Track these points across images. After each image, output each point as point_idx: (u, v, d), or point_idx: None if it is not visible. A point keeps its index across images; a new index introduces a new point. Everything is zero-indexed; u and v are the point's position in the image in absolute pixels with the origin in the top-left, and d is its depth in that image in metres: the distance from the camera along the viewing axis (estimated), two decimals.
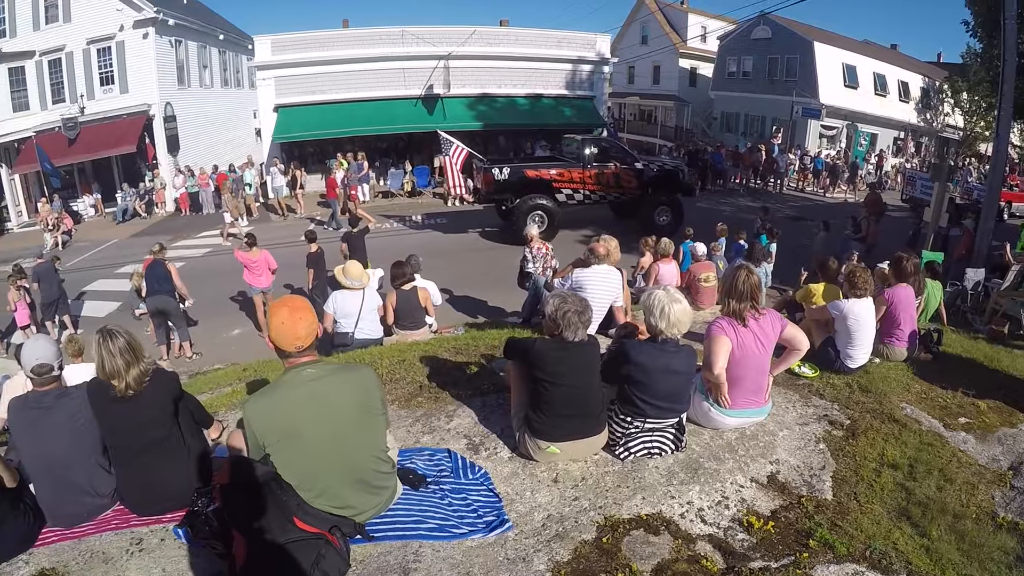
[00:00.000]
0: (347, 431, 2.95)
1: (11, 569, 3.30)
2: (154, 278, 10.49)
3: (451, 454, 3.98)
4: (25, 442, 3.47)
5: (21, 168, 27.15)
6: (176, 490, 3.51)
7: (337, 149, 24.61)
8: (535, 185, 17.05)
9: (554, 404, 3.66)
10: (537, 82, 26.85)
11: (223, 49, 32.93)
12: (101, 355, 3.35)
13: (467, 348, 6.04)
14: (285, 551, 2.65)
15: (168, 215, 25.80)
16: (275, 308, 2.99)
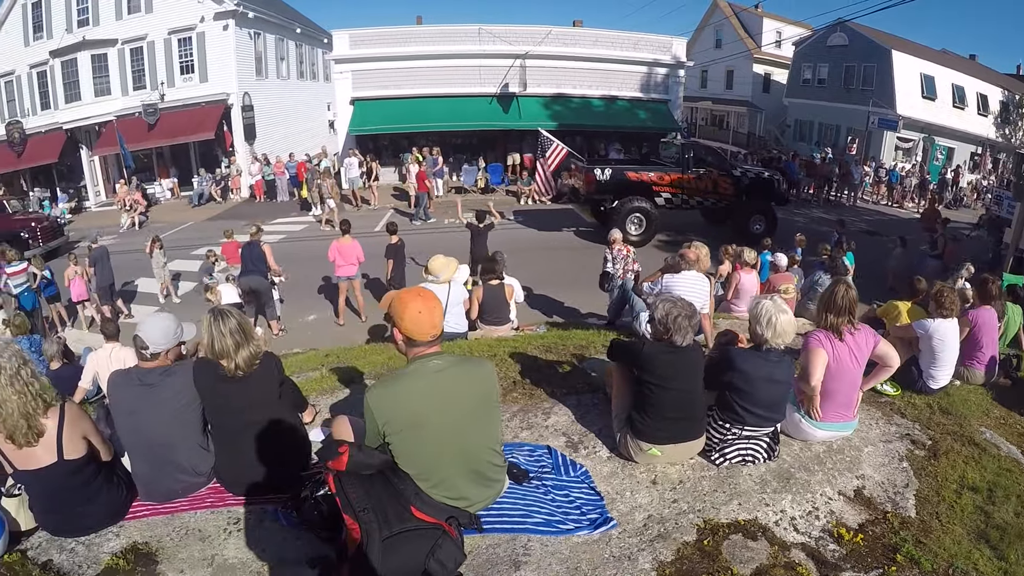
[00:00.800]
0: (468, 423, 2.96)
1: (100, 540, 3.37)
2: (250, 258, 10.81)
3: (551, 451, 4.04)
4: (126, 417, 3.52)
5: (101, 150, 28.05)
6: (276, 472, 3.54)
7: (411, 143, 24.81)
8: (635, 188, 17.07)
9: (660, 407, 3.70)
10: (612, 84, 26.60)
11: (299, 42, 33.46)
12: (211, 334, 3.39)
13: (556, 347, 6.06)
14: (402, 539, 2.63)
15: (243, 201, 26.27)
16: (409, 299, 2.95)
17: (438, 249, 8.05)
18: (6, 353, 3.12)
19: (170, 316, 3.77)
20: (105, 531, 3.42)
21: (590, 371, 5.29)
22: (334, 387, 5.52)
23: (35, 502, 3.37)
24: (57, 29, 27.99)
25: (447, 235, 18.12)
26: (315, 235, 19.28)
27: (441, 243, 16.14)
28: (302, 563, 3.09)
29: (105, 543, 3.35)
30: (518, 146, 26.33)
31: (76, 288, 12.67)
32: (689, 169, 17.36)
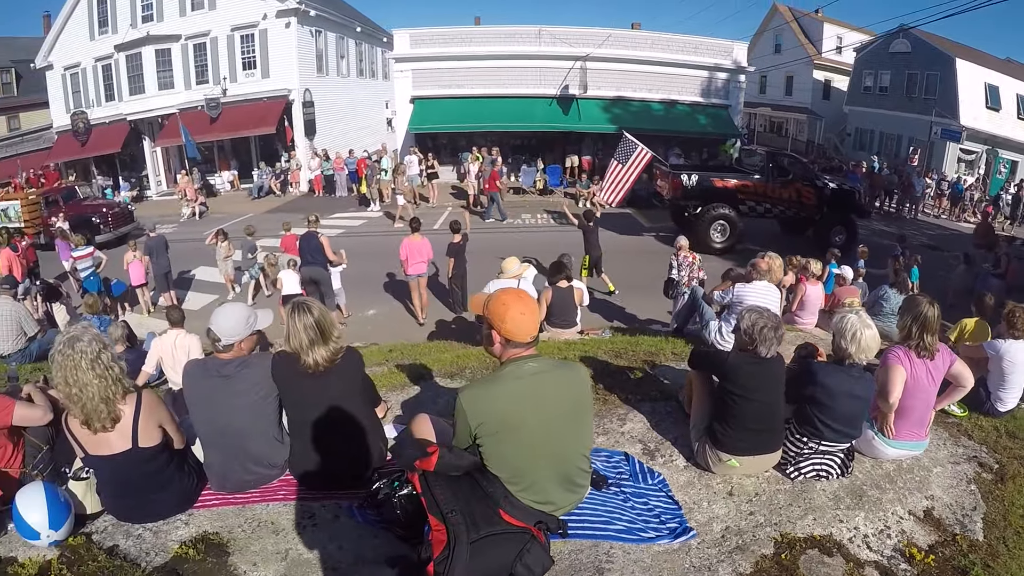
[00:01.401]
0: (562, 428, 2.89)
1: (168, 528, 3.37)
2: (308, 249, 10.92)
3: (628, 458, 4.00)
4: (201, 408, 3.50)
5: (163, 142, 28.76)
6: (352, 468, 3.53)
7: (470, 143, 24.90)
8: (720, 194, 16.97)
9: (742, 418, 3.66)
10: (672, 88, 26.34)
11: (359, 41, 33.78)
12: (292, 329, 3.36)
13: (626, 352, 5.99)
14: (489, 543, 2.59)
15: (302, 195, 26.63)
16: (511, 301, 2.87)
17: (507, 248, 8.04)
18: (86, 337, 3.10)
19: (243, 306, 3.74)
20: (174, 519, 3.43)
21: (662, 378, 5.24)
22: (403, 384, 5.50)
23: (104, 487, 3.36)
24: (122, 24, 28.76)
25: (517, 234, 18.25)
26: (374, 231, 19.48)
27: (509, 242, 16.04)
28: (381, 562, 3.04)
29: (173, 531, 3.35)
30: (577, 148, 26.27)
31: (135, 272, 13.04)
32: (774, 178, 17.21)
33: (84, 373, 3.00)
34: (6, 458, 3.62)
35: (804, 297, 8.32)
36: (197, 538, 3.25)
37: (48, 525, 3.08)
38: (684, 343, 6.19)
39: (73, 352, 3.01)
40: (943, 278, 13.68)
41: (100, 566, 3.00)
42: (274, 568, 3.06)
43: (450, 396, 5.01)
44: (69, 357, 3.01)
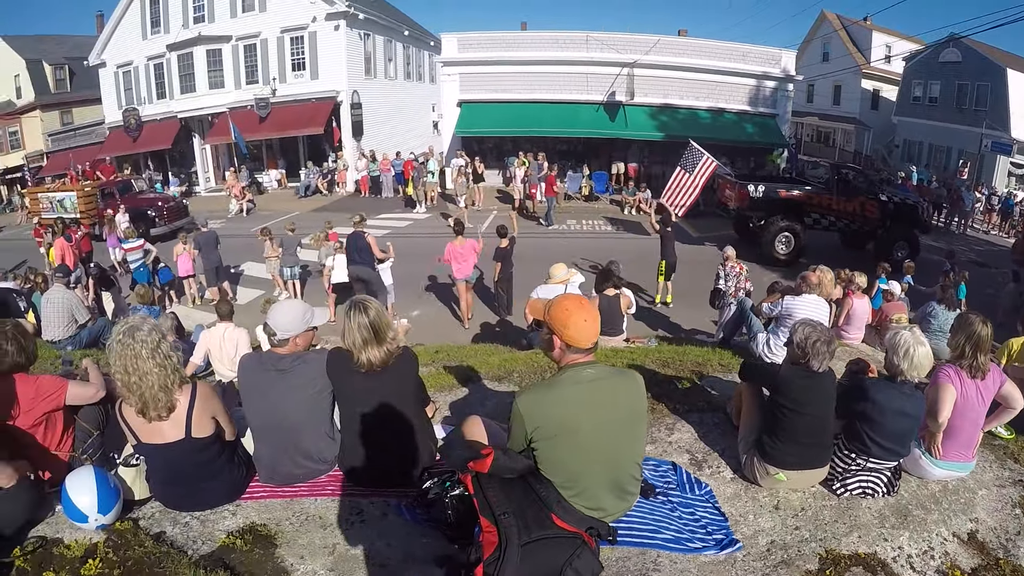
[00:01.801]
0: (618, 435, 2.89)
1: (216, 518, 3.41)
2: (355, 248, 11.03)
3: (676, 467, 3.99)
4: (255, 400, 3.55)
5: (213, 139, 29.36)
6: (402, 466, 3.56)
7: (516, 147, 24.80)
8: (786, 206, 16.84)
9: (793, 432, 3.64)
10: (720, 96, 26.06)
11: (407, 44, 34.06)
12: (348, 327, 3.39)
13: (673, 362, 5.95)
14: (540, 546, 2.58)
15: (348, 195, 26.87)
16: (573, 307, 2.85)
17: (552, 254, 8.07)
18: (145, 327, 3.14)
19: (300, 303, 3.77)
20: (221, 509, 3.46)
21: (710, 389, 5.21)
22: (451, 385, 5.52)
23: (154, 475, 3.40)
24: (174, 24, 29.50)
25: (562, 240, 18.27)
26: (419, 232, 19.55)
27: (555, 247, 16.08)
28: (429, 562, 3.05)
29: (221, 521, 3.39)
30: (623, 155, 26.15)
31: (183, 264, 13.45)
32: (839, 191, 17.03)
33: (144, 362, 3.04)
34: (56, 441, 3.69)
35: (851, 311, 8.19)
36: (244, 529, 3.29)
37: (97, 509, 3.12)
38: (731, 355, 6.17)
39: (133, 341, 3.06)
40: (991, 296, 13.42)
41: (146, 551, 3.03)
42: (321, 562, 3.08)
43: (498, 399, 5.06)
44: (129, 346, 3.06)
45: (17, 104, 39.70)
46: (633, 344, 7.59)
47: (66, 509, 3.15)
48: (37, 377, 3.71)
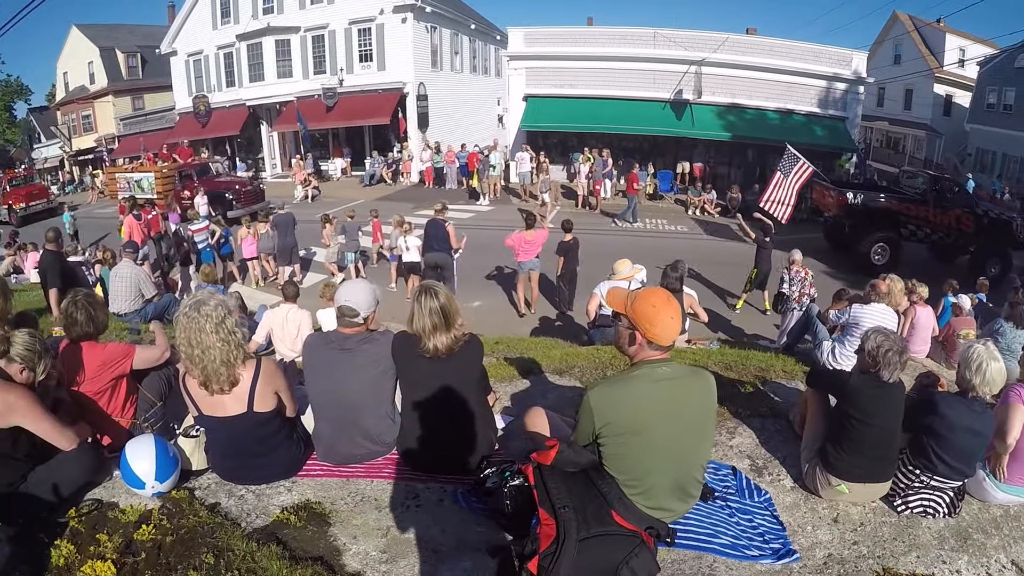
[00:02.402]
0: (687, 436, 2.81)
1: (271, 492, 3.45)
2: (434, 236, 11.24)
3: (736, 472, 3.91)
4: (318, 378, 3.58)
5: (280, 127, 30.05)
6: (461, 453, 3.54)
7: (581, 143, 24.72)
8: (884, 215, 16.43)
9: (859, 443, 3.53)
10: (789, 97, 25.49)
11: (473, 38, 34.24)
12: (412, 311, 3.41)
13: (736, 365, 5.84)
14: (598, 542, 2.55)
15: (411, 185, 27.15)
16: (660, 304, 2.75)
17: (615, 251, 8.48)
18: (212, 302, 3.17)
19: (367, 282, 3.80)
20: (277, 484, 3.49)
21: (773, 395, 5.09)
22: (512, 376, 5.50)
23: (213, 447, 3.45)
24: (243, 15, 30.29)
25: (626, 238, 18.12)
26: (482, 224, 19.59)
27: (618, 244, 15.90)
28: (483, 551, 3.00)
29: (276, 496, 3.41)
30: (689, 154, 25.82)
31: (247, 247, 14.06)
32: (936, 203, 16.51)
33: (208, 336, 3.08)
34: (119, 409, 3.79)
35: (914, 321, 7.98)
36: (299, 505, 3.31)
37: (154, 476, 3.17)
38: (794, 362, 6.00)
39: (199, 315, 3.10)
40: None
41: (200, 521, 3.06)
42: (375, 543, 3.06)
43: (559, 392, 5.03)
44: (194, 320, 3.10)
45: (90, 89, 41.27)
46: (695, 345, 7.48)
47: (124, 475, 3.21)
48: (105, 345, 3.82)
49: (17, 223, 26.22)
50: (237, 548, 2.86)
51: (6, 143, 49.23)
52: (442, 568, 2.90)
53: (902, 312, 8.09)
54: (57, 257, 8.76)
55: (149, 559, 2.82)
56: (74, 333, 3.79)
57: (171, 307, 8.68)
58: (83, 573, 2.72)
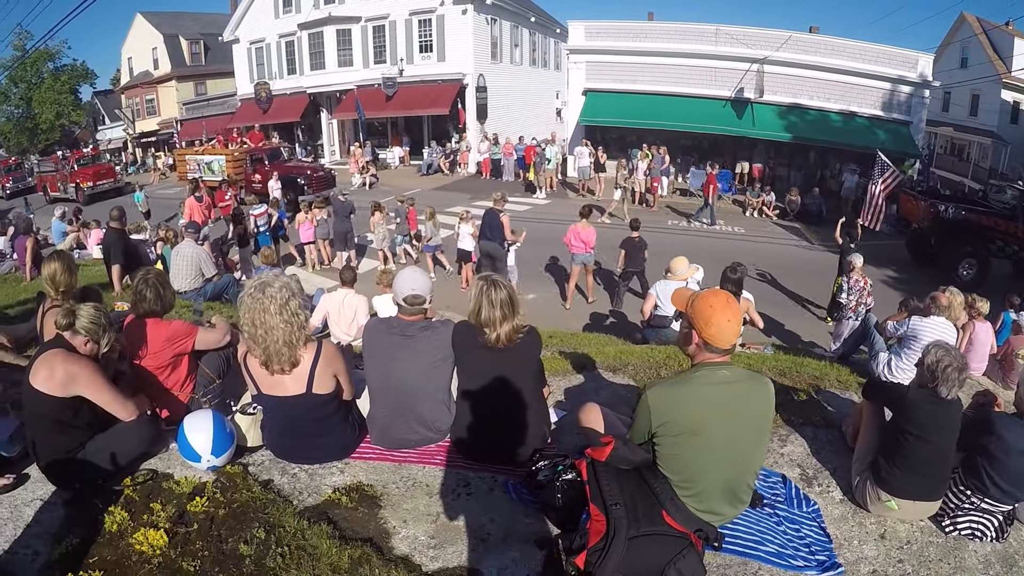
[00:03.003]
0: (742, 440, 2.79)
1: (324, 472, 3.55)
2: (488, 226, 11.42)
3: (786, 481, 3.84)
4: (377, 363, 3.62)
5: (340, 115, 30.61)
6: (514, 445, 3.56)
7: (640, 139, 24.55)
8: (974, 230, 15.91)
9: (913, 459, 3.44)
10: (851, 98, 24.78)
11: (533, 31, 34.20)
12: (480, 303, 3.41)
13: (791, 372, 5.74)
14: (647, 541, 2.56)
15: (469, 176, 27.29)
16: (719, 305, 2.73)
17: (672, 251, 8.31)
18: (276, 283, 3.24)
19: (421, 270, 3.85)
20: (330, 465, 3.57)
21: (826, 404, 4.99)
22: (566, 370, 5.50)
23: (270, 425, 3.52)
24: (305, 4, 30.80)
25: (683, 237, 17.89)
26: (538, 217, 19.55)
27: (675, 243, 15.56)
28: (530, 542, 3.03)
29: (329, 476, 3.49)
30: (749, 154, 25.36)
31: (304, 232, 14.41)
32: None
33: (271, 317, 3.15)
34: (179, 384, 3.90)
35: (973, 336, 7.71)
36: (351, 487, 3.37)
37: (210, 450, 3.28)
38: (849, 371, 5.89)
39: (263, 297, 3.16)
40: None
41: (253, 496, 3.16)
42: (424, 528, 3.11)
43: (612, 389, 5.02)
44: (259, 301, 3.16)
45: (154, 74, 42.49)
46: (749, 350, 7.34)
47: (181, 447, 3.32)
48: (170, 323, 3.93)
49: (84, 201, 26.98)
50: (288, 525, 2.96)
51: (71, 124, 50.78)
52: (489, 557, 2.94)
53: (960, 327, 7.76)
54: (121, 235, 9.03)
55: (201, 530, 2.93)
56: (141, 309, 3.89)
57: (230, 287, 8.95)
58: (135, 540, 2.84)
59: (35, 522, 3.13)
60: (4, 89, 45.81)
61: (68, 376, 3.14)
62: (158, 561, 2.75)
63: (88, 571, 2.68)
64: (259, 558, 2.76)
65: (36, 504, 3.25)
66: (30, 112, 47.64)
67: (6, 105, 47.45)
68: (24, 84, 46.48)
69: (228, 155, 22.55)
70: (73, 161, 30.50)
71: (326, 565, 2.73)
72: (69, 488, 3.28)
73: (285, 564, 2.73)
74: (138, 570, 2.72)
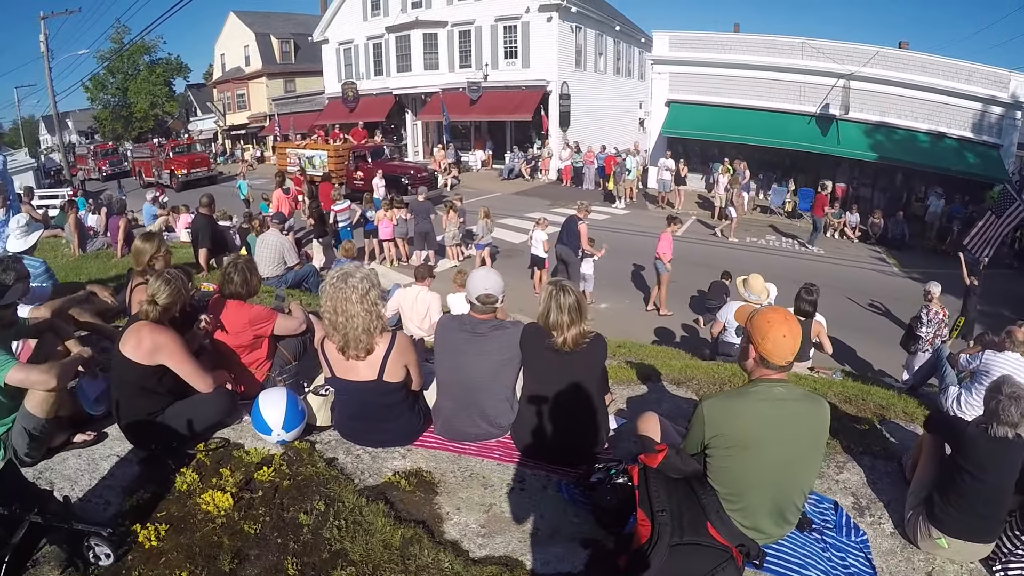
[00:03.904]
0: (793, 460, 2.79)
1: (386, 456, 3.71)
2: (566, 231, 11.68)
3: (837, 508, 3.75)
4: (447, 356, 3.77)
5: (424, 116, 31.43)
6: (572, 447, 3.63)
7: (721, 153, 24.27)
8: None
9: (968, 498, 3.31)
10: (939, 118, 23.59)
11: (617, 39, 34.19)
12: (548, 306, 3.50)
13: (856, 399, 5.59)
14: (689, 551, 2.61)
15: (549, 182, 27.44)
16: (776, 320, 2.74)
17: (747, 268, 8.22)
18: (358, 274, 3.43)
19: (494, 271, 3.95)
20: (393, 449, 3.75)
21: (889, 435, 4.84)
22: (630, 380, 5.51)
23: (341, 407, 3.72)
24: (393, 8, 31.75)
25: (760, 255, 17.58)
26: (616, 227, 19.48)
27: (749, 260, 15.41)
28: (575, 540, 3.07)
29: (391, 460, 3.67)
30: (832, 173, 24.52)
31: (383, 229, 14.89)
32: None
33: (352, 305, 3.34)
34: (258, 363, 4.11)
35: None
36: (411, 472, 3.52)
37: (282, 425, 3.48)
38: (917, 404, 5.64)
39: (345, 286, 3.35)
40: None
41: (317, 471, 3.34)
42: (475, 517, 3.22)
43: (674, 402, 5.04)
44: (341, 290, 3.35)
45: (246, 71, 44.37)
46: (817, 374, 7.15)
47: (254, 421, 3.51)
48: (252, 306, 4.13)
49: (177, 188, 27.92)
50: (347, 500, 3.10)
51: (164, 115, 53.20)
52: (534, 551, 3.01)
53: None
54: (209, 220, 9.37)
55: (265, 497, 3.12)
56: (227, 290, 4.11)
57: (310, 277, 9.20)
58: (203, 500, 3.04)
59: (110, 475, 3.39)
60: (102, 79, 48.15)
61: (154, 346, 3.38)
62: (221, 521, 2.97)
63: (155, 524, 2.92)
64: (316, 528, 2.93)
65: (113, 459, 3.52)
66: (126, 101, 50.26)
67: (103, 94, 49.89)
68: (121, 75, 48.91)
69: (330, 151, 22.82)
70: (169, 149, 31.56)
71: (379, 541, 2.86)
72: (145, 448, 3.53)
73: (340, 536, 2.87)
74: (202, 527, 2.94)
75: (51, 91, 30.67)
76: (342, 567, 2.71)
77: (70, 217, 11.56)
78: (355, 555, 2.79)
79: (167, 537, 2.88)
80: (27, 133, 62.60)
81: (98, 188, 30.02)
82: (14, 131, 57.18)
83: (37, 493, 2.75)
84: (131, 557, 2.78)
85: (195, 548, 2.81)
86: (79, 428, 3.69)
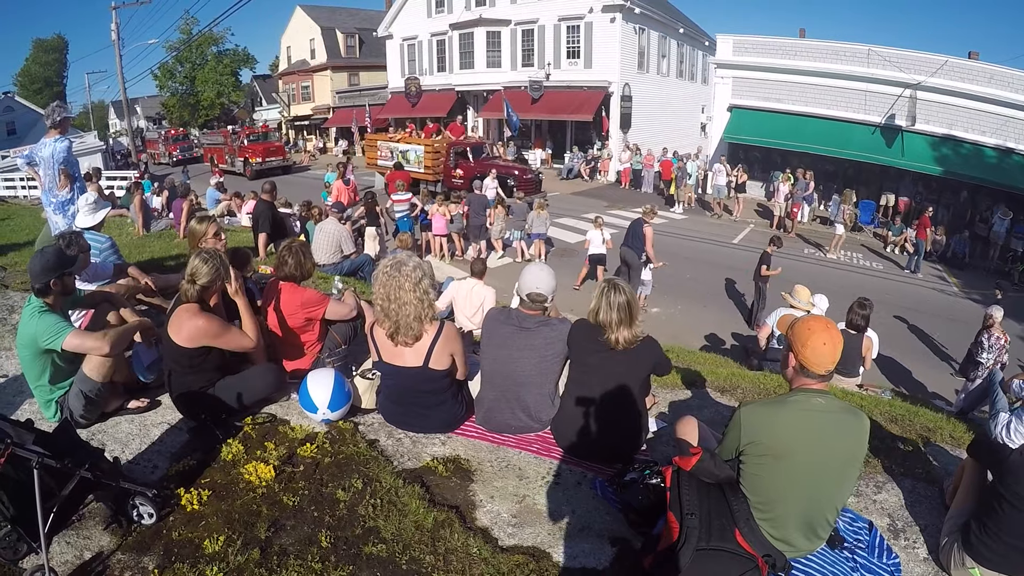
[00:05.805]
0: (828, 474, 2.73)
1: (427, 441, 3.79)
2: (631, 233, 11.76)
3: (872, 528, 3.63)
4: (493, 348, 3.81)
5: (486, 113, 31.64)
6: (610, 446, 3.64)
7: (783, 161, 23.78)
8: None
9: (1006, 529, 3.13)
10: (1008, 133, 22.38)
11: (681, 42, 33.90)
12: (600, 304, 3.54)
13: (902, 419, 5.44)
14: (714, 556, 2.58)
15: (608, 184, 27.26)
16: (817, 328, 2.71)
17: (800, 280, 8.14)
18: (411, 263, 3.54)
19: (548, 268, 3.98)
20: (434, 436, 3.84)
21: (933, 459, 4.70)
22: (675, 384, 5.50)
23: (386, 391, 3.82)
24: (457, 6, 32.11)
25: (815, 267, 17.14)
26: (673, 232, 19.24)
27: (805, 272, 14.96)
28: (604, 537, 3.09)
29: (430, 445, 3.75)
30: (895, 186, 23.88)
31: (436, 224, 15.02)
32: None
33: (405, 293, 3.45)
34: (309, 344, 4.25)
35: None
36: (449, 458, 3.60)
37: (327, 404, 3.60)
38: (965, 428, 5.48)
39: (399, 275, 3.47)
40: None
41: (358, 451, 3.45)
42: (507, 507, 3.27)
43: (716, 409, 5.02)
44: (394, 278, 3.47)
45: (311, 64, 45.49)
46: (866, 391, 6.99)
47: (302, 399, 3.64)
48: (305, 290, 4.27)
49: (251, 176, 28.26)
50: (385, 481, 3.21)
51: (231, 104, 54.90)
52: (562, 544, 3.05)
53: None
54: (269, 207, 9.53)
55: (306, 472, 3.25)
56: (282, 272, 4.27)
57: (366, 266, 9.29)
58: (246, 470, 3.19)
59: (159, 441, 3.56)
60: (170, 67, 49.85)
61: (194, 331, 3.53)
62: (262, 492, 3.12)
63: (199, 489, 3.08)
64: (352, 505, 3.03)
65: (163, 427, 3.69)
66: (193, 89, 51.90)
67: (172, 82, 51.63)
68: (189, 64, 50.59)
69: (428, 145, 22.14)
70: (244, 136, 31.82)
71: (411, 522, 2.96)
72: (195, 418, 3.67)
73: (375, 514, 2.97)
74: (243, 496, 3.09)
75: (121, 78, 31.64)
76: (373, 543, 2.81)
77: (136, 198, 11.94)
78: (387, 533, 2.88)
79: (209, 502, 3.04)
80: (96, 117, 64.57)
81: (164, 172, 30.70)
82: (84, 115, 59.36)
83: (89, 451, 2.89)
84: (172, 518, 2.94)
85: (234, 515, 2.97)
86: (133, 395, 3.90)
